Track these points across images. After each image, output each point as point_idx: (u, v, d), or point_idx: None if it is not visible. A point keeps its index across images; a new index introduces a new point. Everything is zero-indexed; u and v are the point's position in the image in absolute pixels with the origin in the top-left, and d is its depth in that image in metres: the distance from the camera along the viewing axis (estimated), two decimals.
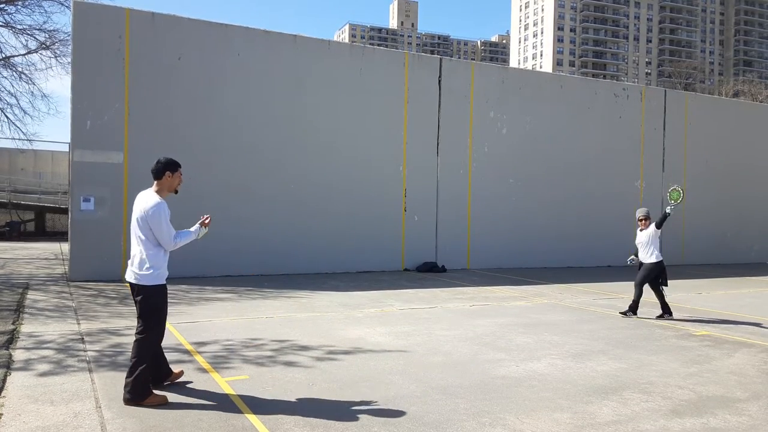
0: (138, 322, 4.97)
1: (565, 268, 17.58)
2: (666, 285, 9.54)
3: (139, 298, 4.93)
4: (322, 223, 14.81)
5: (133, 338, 5.05)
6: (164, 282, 5.01)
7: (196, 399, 4.97)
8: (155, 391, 4.93)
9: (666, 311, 9.55)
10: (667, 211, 9.39)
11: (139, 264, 4.91)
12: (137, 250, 4.95)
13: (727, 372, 6.28)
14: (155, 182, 5.03)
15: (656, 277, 9.49)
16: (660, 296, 9.56)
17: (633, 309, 9.58)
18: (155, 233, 4.87)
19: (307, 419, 4.57)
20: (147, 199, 4.93)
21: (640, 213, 9.71)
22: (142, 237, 4.90)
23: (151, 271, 4.89)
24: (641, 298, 9.54)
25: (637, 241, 9.69)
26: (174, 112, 13.37)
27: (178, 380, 5.37)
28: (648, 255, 9.47)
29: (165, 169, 4.99)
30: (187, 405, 4.82)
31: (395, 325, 8.44)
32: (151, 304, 4.92)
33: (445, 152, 16.43)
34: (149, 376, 4.91)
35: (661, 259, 9.47)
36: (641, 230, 9.61)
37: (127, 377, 4.85)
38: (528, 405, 5.05)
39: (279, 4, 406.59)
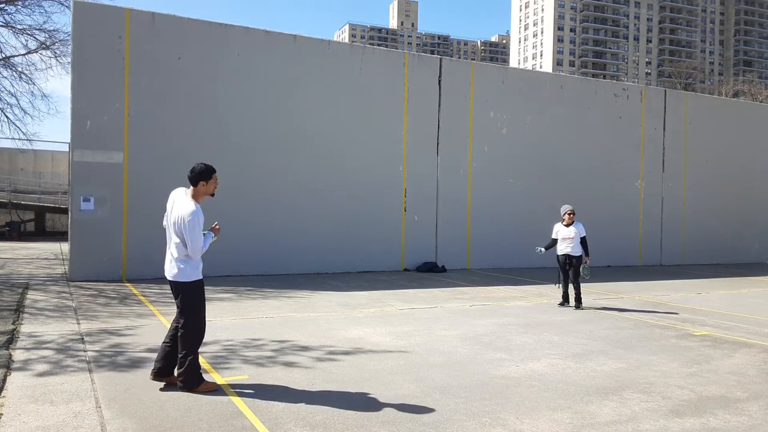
0: (179, 317, 5.21)
1: None
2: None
3: (178, 294, 5.19)
4: (322, 223, 14.80)
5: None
6: (200, 278, 5.26)
7: (196, 399, 4.97)
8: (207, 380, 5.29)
9: (579, 302, 10.24)
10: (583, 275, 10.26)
11: (176, 262, 5.16)
12: (173, 249, 5.18)
13: (727, 372, 6.28)
14: (191, 187, 5.25)
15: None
16: (578, 288, 10.21)
17: (579, 301, 10.22)
18: (187, 240, 5.07)
19: (307, 419, 4.58)
20: (184, 205, 5.13)
21: (569, 207, 10.41)
22: (177, 239, 5.14)
23: (187, 268, 5.15)
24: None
25: (561, 236, 10.30)
26: (174, 112, 13.37)
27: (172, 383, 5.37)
28: (573, 249, 10.19)
29: (199, 179, 5.21)
30: (187, 405, 4.82)
31: (395, 325, 8.45)
32: (190, 299, 5.18)
33: (445, 152, 16.43)
34: (199, 366, 5.21)
35: (581, 252, 10.24)
36: (566, 225, 10.28)
37: (178, 368, 5.16)
38: (528, 405, 5.05)
39: (279, 4, 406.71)
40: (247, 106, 14.10)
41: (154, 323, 8.08)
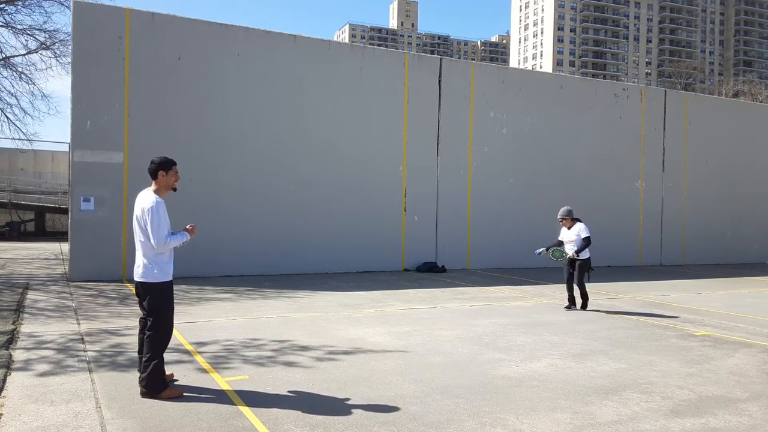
0: (147, 320, 5.10)
1: None
2: (589, 280, 10.32)
3: (144, 296, 5.09)
4: (322, 223, 14.80)
5: (137, 337, 5.23)
6: (168, 279, 5.13)
7: (196, 399, 4.97)
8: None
9: (585, 302, 10.21)
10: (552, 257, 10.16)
11: (142, 263, 5.06)
12: (140, 249, 5.11)
13: (727, 372, 6.28)
14: (153, 182, 5.18)
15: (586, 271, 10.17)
16: (582, 288, 10.12)
17: (581, 302, 10.19)
18: (149, 229, 4.97)
19: (307, 419, 4.58)
20: (145, 198, 5.09)
21: (561, 212, 10.25)
22: (142, 238, 5.06)
23: (155, 269, 5.04)
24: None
25: (566, 238, 10.21)
26: (174, 112, 13.37)
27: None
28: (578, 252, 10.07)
29: (158, 169, 5.13)
30: (187, 405, 4.82)
31: (395, 325, 8.44)
32: (157, 301, 5.07)
33: (445, 152, 16.43)
34: (163, 371, 5.07)
35: (588, 255, 10.16)
36: (568, 228, 10.19)
37: (141, 373, 5.01)
38: (528, 405, 5.05)
39: (279, 4, 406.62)
40: (247, 106, 14.10)
41: None
